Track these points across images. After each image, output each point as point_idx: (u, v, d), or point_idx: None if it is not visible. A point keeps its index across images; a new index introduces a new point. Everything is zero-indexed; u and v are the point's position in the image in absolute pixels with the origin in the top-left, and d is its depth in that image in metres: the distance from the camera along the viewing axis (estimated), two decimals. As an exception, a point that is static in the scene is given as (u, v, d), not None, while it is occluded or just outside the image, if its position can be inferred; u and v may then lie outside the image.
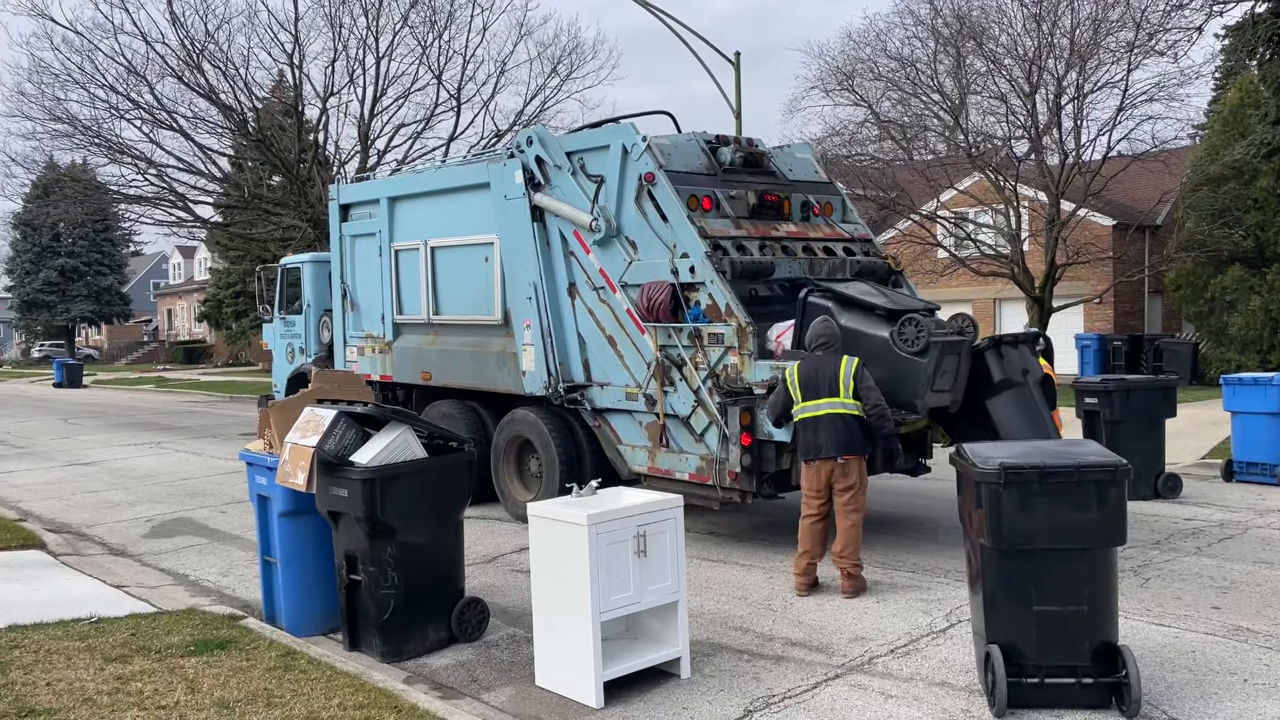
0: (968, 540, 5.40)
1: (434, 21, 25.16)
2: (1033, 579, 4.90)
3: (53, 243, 59.39)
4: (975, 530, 5.10)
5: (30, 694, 5.27)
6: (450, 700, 5.35)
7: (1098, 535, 4.87)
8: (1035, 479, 4.80)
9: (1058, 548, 4.87)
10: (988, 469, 4.87)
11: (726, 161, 9.24)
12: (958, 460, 5.29)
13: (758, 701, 5.29)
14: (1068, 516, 4.83)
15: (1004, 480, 4.81)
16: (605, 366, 9.09)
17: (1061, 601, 4.88)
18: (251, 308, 37.90)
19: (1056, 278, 23.01)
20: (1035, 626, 4.91)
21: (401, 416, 6.36)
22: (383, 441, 6.07)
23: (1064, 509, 4.83)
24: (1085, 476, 4.81)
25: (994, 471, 4.84)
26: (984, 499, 4.89)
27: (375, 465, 5.88)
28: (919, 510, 10.11)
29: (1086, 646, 4.91)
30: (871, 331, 7.83)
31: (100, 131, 23.64)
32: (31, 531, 9.84)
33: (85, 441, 18.43)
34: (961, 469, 5.24)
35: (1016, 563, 4.91)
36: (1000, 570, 4.96)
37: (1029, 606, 4.91)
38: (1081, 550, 4.88)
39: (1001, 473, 4.81)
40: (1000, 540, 4.88)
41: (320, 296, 14.33)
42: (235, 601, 7.48)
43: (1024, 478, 4.81)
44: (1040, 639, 4.91)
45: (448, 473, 6.23)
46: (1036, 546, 4.87)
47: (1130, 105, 21.92)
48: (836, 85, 25.61)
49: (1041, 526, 4.83)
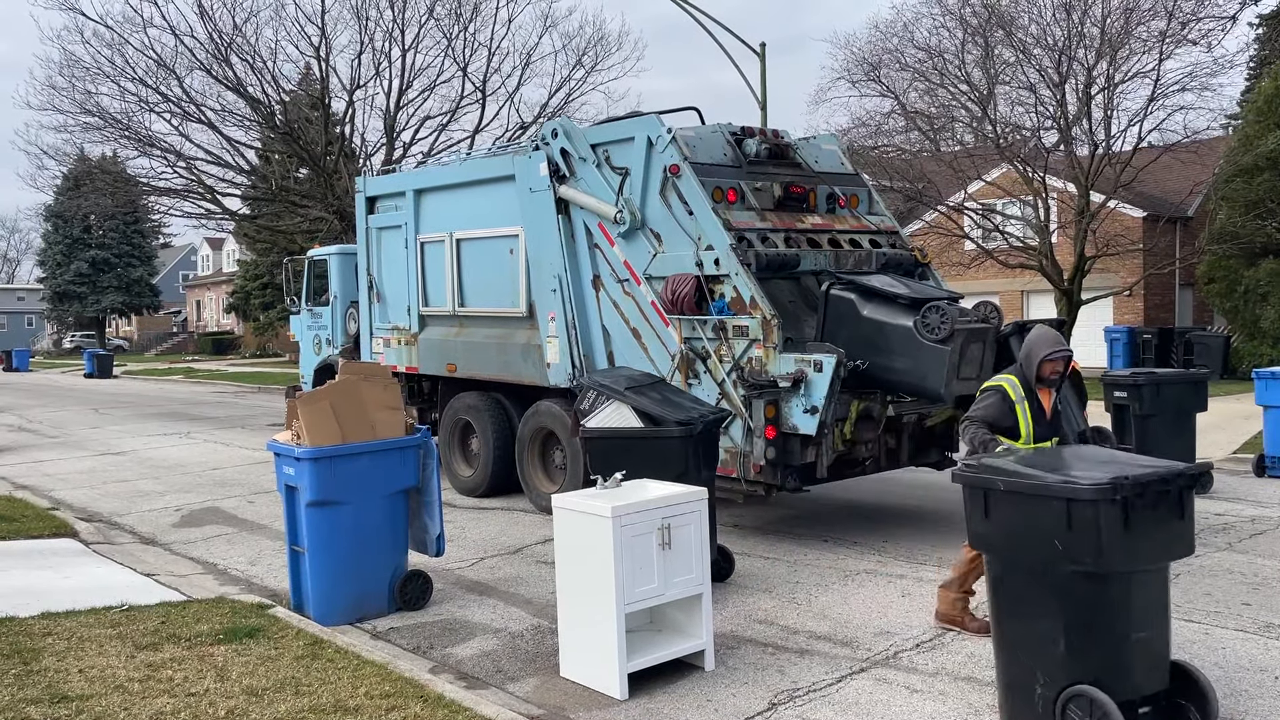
0: (1011, 569, 4.63)
1: (459, 14, 25.21)
2: (1125, 603, 4.34)
3: (84, 235, 60.17)
4: (1058, 556, 4.36)
5: (63, 681, 5.35)
6: (475, 690, 5.38)
7: (1182, 547, 4.48)
8: (1138, 493, 4.26)
9: (1153, 566, 4.41)
10: (1085, 485, 4.24)
11: (752, 153, 9.20)
12: (1015, 480, 4.50)
13: (782, 694, 5.29)
14: (1162, 529, 4.37)
15: (1110, 497, 4.20)
16: (630, 359, 9.09)
17: (1148, 624, 4.41)
18: (279, 299, 38.23)
19: (1085, 270, 22.76)
20: (1132, 655, 4.36)
21: None
22: None
23: (1160, 522, 4.36)
24: (1176, 485, 4.38)
25: (1099, 488, 4.21)
26: (1082, 519, 4.24)
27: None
28: (945, 504, 10.05)
29: (1165, 668, 4.49)
30: (895, 321, 7.78)
31: (130, 124, 23.86)
32: (64, 520, 9.97)
33: (116, 431, 18.65)
34: (1031, 488, 4.42)
35: (1113, 587, 4.32)
36: (1095, 598, 4.34)
37: (1127, 634, 4.34)
38: (1163, 565, 4.50)
39: (1111, 489, 4.19)
40: (1104, 563, 4.26)
41: (347, 288, 14.42)
42: (263, 590, 7.56)
43: (1131, 492, 4.23)
44: (1137, 669, 4.38)
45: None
46: (1137, 567, 4.34)
47: (1162, 95, 21.62)
48: (863, 76, 25.45)
49: (1142, 544, 4.31)
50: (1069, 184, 23.03)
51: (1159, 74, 21.31)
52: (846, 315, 8.00)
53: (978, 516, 4.69)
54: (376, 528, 6.73)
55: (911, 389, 7.95)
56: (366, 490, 6.65)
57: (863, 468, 8.52)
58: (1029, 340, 5.93)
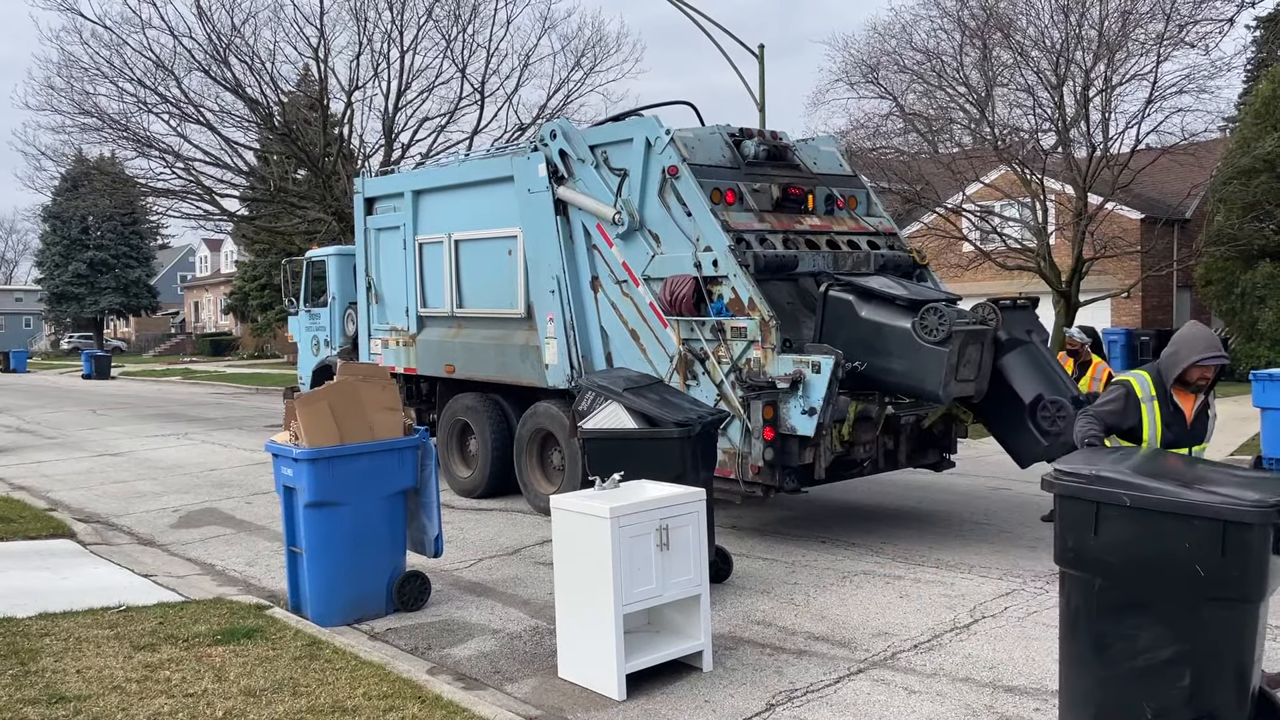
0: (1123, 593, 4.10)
1: (458, 15, 25.20)
2: (1254, 629, 3.97)
3: (82, 235, 60.12)
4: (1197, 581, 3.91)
5: (60, 681, 5.34)
6: (473, 691, 5.38)
7: None
8: None
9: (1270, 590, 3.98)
10: (1248, 507, 3.78)
11: (750, 154, 9.21)
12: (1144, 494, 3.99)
13: (780, 695, 5.29)
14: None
15: (1274, 520, 3.77)
16: (628, 359, 9.09)
17: (1259, 649, 4.06)
18: (277, 300, 38.23)
19: (1083, 272, 22.76)
20: (1250, 682, 4.00)
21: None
22: None
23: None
24: None
25: (1263, 510, 3.76)
26: (1238, 543, 3.80)
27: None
28: (943, 506, 10.06)
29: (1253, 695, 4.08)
30: (893, 323, 7.79)
31: (128, 125, 23.84)
32: (61, 521, 9.96)
33: (113, 432, 18.64)
34: (1169, 505, 3.94)
35: (1248, 614, 3.93)
36: (1229, 625, 3.94)
37: (1251, 663, 3.98)
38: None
39: (1276, 511, 3.75)
40: (1252, 590, 3.87)
41: (345, 289, 14.41)
42: (261, 591, 7.55)
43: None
44: (1253, 698, 4.02)
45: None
46: (1268, 591, 3.94)
47: (1159, 97, 21.64)
48: (861, 78, 25.46)
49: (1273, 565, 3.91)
50: (1067, 186, 23.06)
51: (1156, 76, 21.34)
52: (845, 316, 8.01)
53: (1083, 533, 4.13)
54: (375, 529, 6.73)
55: (909, 390, 7.96)
56: (365, 491, 6.65)
57: (860, 469, 8.53)
58: (1178, 338, 5.22)
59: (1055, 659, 5.65)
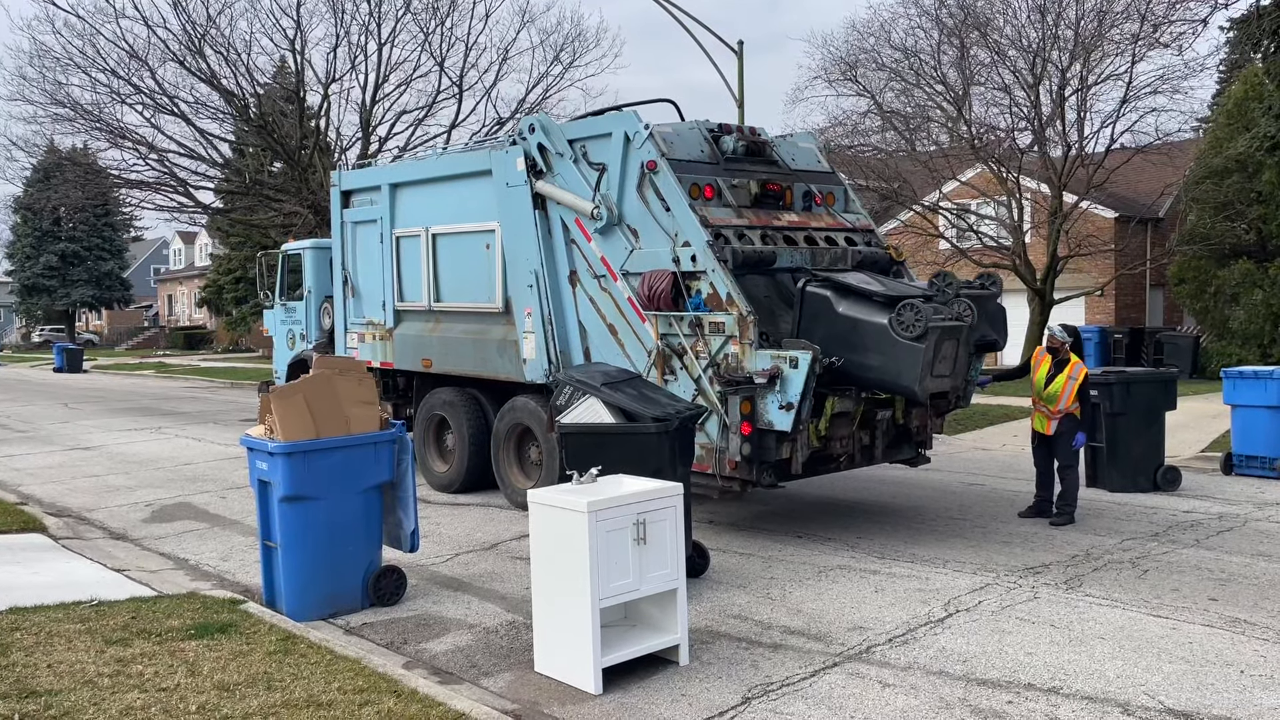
0: None
1: (436, 8, 25.11)
2: None
3: (53, 227, 59.36)
4: None
5: (31, 676, 5.29)
6: (449, 685, 5.37)
7: None
8: None
9: None
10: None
11: (729, 150, 9.22)
12: None
13: (756, 689, 5.31)
14: None
15: None
16: (606, 355, 9.09)
17: None
18: (252, 294, 37.88)
19: (1058, 270, 22.99)
20: None
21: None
22: None
23: None
24: None
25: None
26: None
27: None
28: (917, 500, 10.13)
29: None
30: (870, 318, 7.83)
31: (101, 116, 23.63)
32: (32, 515, 9.86)
33: (86, 426, 18.45)
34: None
35: None
36: None
37: None
38: None
39: None
40: None
41: (321, 283, 14.31)
42: (236, 586, 7.50)
43: None
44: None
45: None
46: None
47: (1134, 97, 21.90)
48: (840, 75, 25.59)
49: None
50: (1042, 184, 23.26)
51: (1131, 76, 21.60)
52: (822, 312, 8.04)
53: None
54: (350, 523, 6.70)
55: (885, 386, 8.00)
56: (340, 485, 6.62)
57: (837, 464, 8.57)
58: None
59: (1028, 652, 5.73)
